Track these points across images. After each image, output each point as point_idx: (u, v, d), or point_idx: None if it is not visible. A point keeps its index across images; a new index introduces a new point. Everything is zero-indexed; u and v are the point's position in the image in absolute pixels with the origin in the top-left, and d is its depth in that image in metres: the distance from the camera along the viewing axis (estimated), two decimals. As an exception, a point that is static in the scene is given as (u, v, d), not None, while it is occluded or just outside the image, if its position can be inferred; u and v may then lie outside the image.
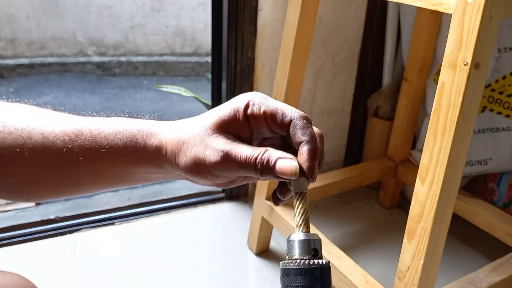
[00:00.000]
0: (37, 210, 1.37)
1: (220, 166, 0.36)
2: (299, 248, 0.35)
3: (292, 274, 0.34)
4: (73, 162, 0.40)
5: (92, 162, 0.40)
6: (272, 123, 0.37)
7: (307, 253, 0.35)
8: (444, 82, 0.69)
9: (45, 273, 1.16)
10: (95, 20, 3.44)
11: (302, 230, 0.36)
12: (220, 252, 1.29)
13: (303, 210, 0.37)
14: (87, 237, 1.30)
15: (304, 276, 0.34)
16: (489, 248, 1.30)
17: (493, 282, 0.95)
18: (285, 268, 0.35)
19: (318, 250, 0.35)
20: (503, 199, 1.36)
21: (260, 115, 0.37)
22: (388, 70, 1.48)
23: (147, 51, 3.60)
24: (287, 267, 0.34)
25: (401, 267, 0.81)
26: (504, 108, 1.23)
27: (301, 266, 0.34)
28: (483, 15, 0.63)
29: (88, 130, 0.40)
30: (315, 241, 0.35)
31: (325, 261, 0.35)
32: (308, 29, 1.03)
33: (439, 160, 0.71)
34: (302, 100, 1.45)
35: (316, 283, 0.34)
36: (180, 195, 1.48)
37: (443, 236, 0.77)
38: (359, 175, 1.37)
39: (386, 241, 1.37)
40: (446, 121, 0.69)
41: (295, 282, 0.34)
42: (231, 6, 1.25)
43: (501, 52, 1.19)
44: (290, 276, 0.34)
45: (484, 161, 1.28)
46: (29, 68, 3.34)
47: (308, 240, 0.35)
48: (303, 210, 0.37)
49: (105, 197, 1.45)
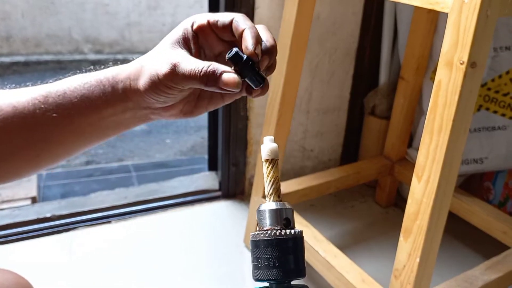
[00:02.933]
0: (33, 209, 1.36)
1: (170, 76, 0.39)
2: (270, 218, 0.33)
3: (262, 246, 0.32)
4: (47, 121, 0.41)
5: (65, 116, 0.42)
6: (216, 29, 0.41)
7: (278, 223, 0.33)
8: (440, 80, 0.69)
9: (40, 272, 1.16)
10: (91, 18, 3.43)
11: (273, 200, 0.34)
12: (217, 251, 1.29)
13: (274, 179, 0.35)
14: (83, 236, 1.30)
15: (275, 247, 0.32)
16: (484, 246, 1.31)
17: (488, 280, 0.96)
18: (255, 240, 0.33)
19: (290, 219, 0.33)
20: (499, 197, 1.37)
21: (204, 25, 0.41)
22: (385, 68, 1.48)
23: (143, 48, 3.59)
24: (257, 238, 0.33)
25: (397, 265, 0.81)
26: (500, 107, 1.23)
27: (272, 237, 0.32)
28: (479, 14, 0.63)
29: (55, 89, 0.42)
30: (286, 210, 0.34)
31: (298, 230, 0.33)
32: (305, 27, 1.03)
33: (435, 158, 0.71)
34: (299, 99, 1.45)
35: (288, 254, 0.32)
36: (177, 194, 1.48)
37: (439, 234, 0.78)
38: (355, 174, 1.38)
39: (383, 240, 1.37)
40: (442, 120, 0.69)
41: (265, 254, 0.32)
42: (227, 4, 1.25)
43: (497, 51, 1.20)
44: (261, 248, 0.32)
45: (480, 159, 1.29)
46: (24, 65, 3.33)
47: (279, 210, 0.33)
48: (273, 178, 0.35)
49: (101, 196, 1.45)
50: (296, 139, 1.54)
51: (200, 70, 0.39)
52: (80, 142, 0.44)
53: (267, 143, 0.35)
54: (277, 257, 0.32)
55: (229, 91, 0.39)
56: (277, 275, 0.32)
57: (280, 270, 0.32)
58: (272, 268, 0.32)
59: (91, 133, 0.44)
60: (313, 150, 1.60)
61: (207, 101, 0.45)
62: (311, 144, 1.58)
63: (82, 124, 0.43)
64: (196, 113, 0.45)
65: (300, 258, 0.33)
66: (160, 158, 2.11)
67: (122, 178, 1.88)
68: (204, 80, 0.39)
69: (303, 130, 1.54)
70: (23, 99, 0.41)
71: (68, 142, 0.43)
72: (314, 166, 1.62)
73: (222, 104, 0.45)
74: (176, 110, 0.44)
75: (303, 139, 1.56)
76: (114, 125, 0.44)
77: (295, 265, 0.32)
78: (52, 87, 0.43)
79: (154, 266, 1.21)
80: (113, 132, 0.45)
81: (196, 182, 1.54)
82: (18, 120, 0.41)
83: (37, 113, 0.41)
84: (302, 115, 1.50)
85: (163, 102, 0.42)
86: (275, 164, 0.35)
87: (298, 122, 1.51)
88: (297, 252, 0.33)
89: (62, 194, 1.69)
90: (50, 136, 0.42)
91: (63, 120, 0.41)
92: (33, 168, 0.44)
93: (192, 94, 0.45)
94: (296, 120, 1.49)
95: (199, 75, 0.39)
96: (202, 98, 0.45)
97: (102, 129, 0.44)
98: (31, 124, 0.41)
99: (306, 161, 1.60)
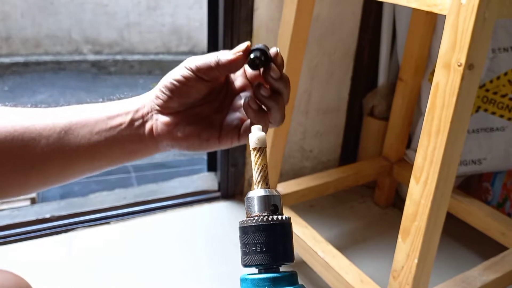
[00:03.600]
0: (33, 209, 1.36)
1: (183, 69, 0.43)
2: (258, 205, 0.34)
3: (250, 232, 0.33)
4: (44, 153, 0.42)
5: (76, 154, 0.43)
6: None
7: (266, 210, 0.33)
8: (438, 82, 0.69)
9: (40, 272, 1.16)
10: (91, 18, 3.43)
11: (261, 187, 0.35)
12: (216, 251, 1.29)
13: (262, 166, 0.35)
14: (82, 236, 1.30)
15: (263, 232, 0.32)
16: (483, 247, 1.31)
17: (486, 281, 0.96)
18: (243, 226, 0.33)
19: (278, 206, 0.34)
20: (497, 198, 1.37)
21: None
22: (384, 69, 1.49)
23: (142, 49, 3.59)
24: (245, 225, 0.33)
25: (396, 266, 0.81)
26: (498, 108, 1.24)
27: (259, 223, 0.32)
28: (477, 16, 0.63)
29: (79, 128, 0.43)
30: (274, 197, 0.34)
31: (286, 216, 0.33)
32: (304, 28, 1.04)
33: (433, 159, 0.71)
34: (298, 99, 1.46)
35: (276, 239, 0.32)
36: (176, 194, 1.48)
37: (437, 235, 0.78)
38: (354, 174, 1.38)
39: (381, 240, 1.37)
40: (440, 121, 0.70)
41: (253, 239, 0.32)
42: (227, 5, 1.25)
43: (496, 52, 1.20)
44: (249, 234, 0.33)
45: (479, 160, 1.29)
46: (24, 66, 3.33)
47: (267, 196, 0.34)
48: (261, 166, 0.35)
49: (100, 196, 1.45)
50: (295, 139, 1.54)
51: (214, 53, 0.43)
52: (81, 169, 0.45)
53: (255, 131, 0.36)
54: (265, 242, 0.32)
55: (237, 58, 0.41)
56: (265, 259, 0.32)
57: (268, 255, 0.32)
58: (259, 253, 0.32)
59: (95, 165, 0.45)
60: (312, 150, 1.60)
61: (203, 126, 0.45)
62: (310, 144, 1.58)
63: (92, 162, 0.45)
64: (189, 137, 0.45)
65: (288, 243, 0.33)
66: (159, 158, 2.11)
67: (121, 179, 1.88)
68: (217, 57, 0.42)
69: (302, 130, 1.54)
70: (42, 123, 0.42)
71: (68, 166, 0.44)
72: (313, 167, 1.63)
73: (217, 141, 0.46)
74: (172, 119, 0.45)
75: (302, 139, 1.56)
76: (120, 151, 0.45)
77: (283, 250, 0.33)
78: (74, 122, 0.43)
79: (153, 267, 1.21)
80: (120, 161, 0.46)
81: (195, 182, 1.54)
82: (15, 144, 0.41)
83: (46, 145, 0.42)
84: (301, 115, 1.50)
85: (178, 97, 0.44)
86: (263, 152, 0.35)
87: (297, 123, 1.51)
88: (285, 238, 0.33)
89: (61, 195, 1.69)
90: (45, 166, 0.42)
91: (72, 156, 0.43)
92: (20, 192, 0.44)
93: (194, 115, 0.45)
94: (295, 120, 1.50)
95: (213, 56, 0.42)
96: (201, 122, 0.46)
97: (109, 161, 0.45)
98: (30, 152, 0.41)
99: (305, 162, 1.61)
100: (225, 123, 0.46)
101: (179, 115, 0.45)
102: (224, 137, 0.45)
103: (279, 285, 0.32)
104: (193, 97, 0.44)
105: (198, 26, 3.60)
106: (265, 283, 0.32)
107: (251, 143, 0.36)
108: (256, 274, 0.33)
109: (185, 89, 0.43)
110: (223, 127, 0.46)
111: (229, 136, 0.45)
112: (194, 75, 0.42)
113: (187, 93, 0.43)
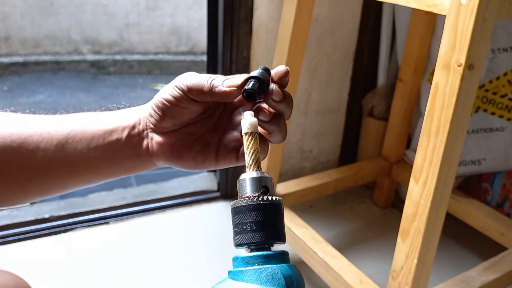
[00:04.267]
0: (32, 209, 1.36)
1: (177, 87, 0.40)
2: (250, 186, 0.34)
3: (241, 212, 0.33)
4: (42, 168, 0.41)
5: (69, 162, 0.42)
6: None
7: (257, 191, 0.34)
8: (438, 82, 0.69)
9: (39, 272, 1.16)
10: (90, 18, 3.42)
11: (253, 170, 0.35)
12: (215, 251, 1.29)
13: (254, 150, 0.36)
14: (81, 236, 1.30)
15: (254, 212, 0.33)
16: (482, 247, 1.31)
17: (486, 281, 0.96)
18: (235, 207, 0.34)
19: (269, 187, 0.34)
20: (497, 198, 1.37)
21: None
22: (383, 70, 1.49)
23: (142, 49, 3.59)
24: (237, 205, 0.34)
25: (395, 267, 0.81)
26: (497, 108, 1.24)
27: (250, 203, 0.33)
28: (476, 17, 0.63)
29: (77, 135, 0.42)
30: (266, 179, 0.35)
31: (277, 198, 0.34)
32: (304, 29, 1.04)
33: (433, 160, 0.71)
34: (298, 100, 1.46)
35: (267, 218, 0.33)
36: (175, 195, 1.48)
37: (436, 235, 0.78)
38: (354, 175, 1.38)
39: (381, 241, 1.37)
40: (440, 122, 0.70)
41: (245, 219, 0.33)
42: (226, 5, 1.25)
43: (495, 52, 1.20)
44: (240, 214, 0.33)
45: (478, 161, 1.29)
46: (23, 66, 3.32)
47: (259, 178, 0.34)
48: (253, 150, 0.36)
49: (99, 196, 1.45)
50: (294, 140, 1.54)
51: (209, 76, 0.40)
52: (78, 182, 0.44)
53: (247, 117, 0.37)
54: (256, 221, 0.33)
55: (229, 92, 0.39)
56: (256, 238, 0.32)
57: (259, 234, 0.32)
58: (250, 232, 0.33)
59: (89, 176, 0.44)
60: (311, 151, 1.60)
61: (199, 148, 0.44)
62: (309, 145, 1.58)
63: (86, 172, 0.43)
64: (183, 157, 0.44)
65: (279, 224, 0.33)
66: (158, 158, 2.10)
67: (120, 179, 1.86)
68: (210, 83, 0.39)
69: (302, 131, 1.54)
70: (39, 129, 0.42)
71: (65, 179, 0.43)
72: (312, 167, 1.63)
73: (213, 162, 0.44)
74: (168, 139, 0.43)
75: (301, 140, 1.56)
76: (117, 169, 0.45)
77: (274, 229, 0.33)
78: (74, 131, 0.42)
79: (152, 267, 1.21)
80: (118, 175, 0.46)
81: (194, 183, 1.54)
82: (17, 152, 0.40)
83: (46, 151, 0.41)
84: (301, 116, 1.50)
85: (171, 117, 0.42)
86: (254, 136, 0.36)
87: (296, 123, 1.51)
88: (276, 218, 0.33)
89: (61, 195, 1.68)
90: (45, 174, 0.42)
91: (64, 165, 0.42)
92: (18, 202, 0.43)
93: (190, 134, 0.44)
94: (295, 121, 1.50)
95: (207, 79, 0.40)
96: (197, 143, 0.44)
97: (106, 176, 0.45)
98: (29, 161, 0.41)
99: (305, 162, 1.61)
100: (222, 143, 0.44)
101: (174, 135, 0.43)
102: (221, 159, 0.44)
103: (270, 262, 0.32)
104: (187, 117, 0.42)
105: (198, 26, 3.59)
106: (255, 260, 0.32)
107: (243, 128, 0.36)
108: (247, 253, 0.33)
109: (176, 109, 0.41)
110: (220, 148, 0.44)
111: (227, 158, 0.44)
112: (185, 95, 0.40)
113: (180, 113, 0.41)
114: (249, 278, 0.31)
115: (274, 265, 0.32)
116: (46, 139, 0.41)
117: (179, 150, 0.43)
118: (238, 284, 0.31)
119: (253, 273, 0.31)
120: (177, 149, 0.43)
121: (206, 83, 0.39)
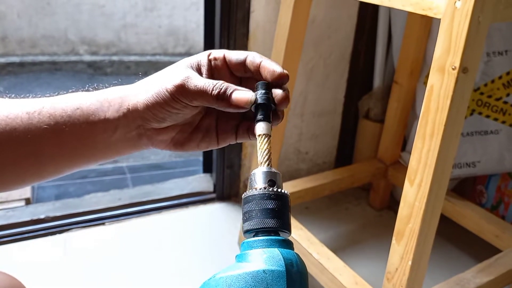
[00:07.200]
0: (27, 210, 1.36)
1: (180, 88, 0.40)
2: (259, 179, 0.37)
3: (250, 201, 0.36)
4: (38, 133, 0.41)
5: (55, 129, 0.41)
6: (231, 63, 0.43)
7: (266, 184, 0.37)
8: (432, 85, 0.70)
9: (34, 273, 1.15)
10: (87, 19, 3.42)
11: (263, 166, 0.38)
12: (212, 253, 1.29)
13: (266, 151, 0.39)
14: (77, 237, 1.30)
15: (261, 201, 0.35)
16: (476, 249, 1.32)
17: (480, 283, 0.96)
18: (245, 197, 0.36)
19: (275, 181, 0.37)
20: (491, 201, 1.38)
21: (220, 57, 0.43)
22: (379, 72, 1.49)
23: (139, 50, 3.58)
24: (247, 195, 0.36)
25: (390, 268, 0.82)
26: (492, 111, 1.25)
27: (260, 193, 0.36)
28: (471, 20, 0.64)
29: (51, 102, 0.43)
30: (274, 174, 0.37)
31: (284, 191, 0.37)
32: (300, 31, 1.04)
33: (427, 162, 0.72)
34: (294, 102, 1.46)
35: (274, 208, 0.35)
36: (171, 196, 1.48)
37: (431, 237, 0.78)
38: (349, 177, 1.38)
39: (376, 242, 1.38)
40: (435, 124, 0.70)
41: (253, 207, 0.35)
42: (223, 7, 1.25)
43: (490, 56, 1.21)
44: (249, 203, 0.36)
45: (473, 163, 1.30)
46: (19, 66, 3.31)
47: (268, 172, 0.37)
48: (266, 150, 0.39)
49: (95, 197, 1.45)
50: (291, 141, 1.54)
51: (214, 85, 0.40)
52: (69, 160, 0.44)
53: (261, 122, 0.40)
54: (263, 209, 0.35)
55: (241, 107, 0.40)
56: (263, 223, 0.35)
57: (266, 220, 0.35)
58: (257, 218, 0.35)
59: (80, 150, 0.44)
60: (308, 152, 1.60)
61: (201, 136, 0.45)
62: (306, 146, 1.59)
63: (72, 139, 0.42)
64: (186, 147, 0.45)
65: (285, 215, 0.36)
66: (155, 160, 2.11)
67: (116, 180, 1.87)
68: (216, 95, 0.40)
69: (298, 133, 1.54)
70: (16, 110, 0.41)
71: (57, 157, 0.43)
72: (308, 169, 1.63)
73: (215, 146, 0.46)
74: (168, 135, 0.44)
75: (298, 141, 1.56)
76: (103, 146, 0.44)
77: (281, 218, 0.35)
78: (48, 100, 0.43)
79: (148, 268, 1.21)
80: (101, 154, 0.45)
81: (190, 184, 1.54)
82: (9, 132, 0.40)
83: (29, 125, 0.41)
84: (297, 118, 1.51)
85: (161, 120, 0.42)
86: (268, 138, 0.39)
87: (293, 125, 1.51)
88: (283, 209, 0.36)
89: (57, 195, 1.68)
90: (40, 150, 0.41)
91: (53, 133, 0.41)
92: (20, 183, 0.43)
93: (188, 124, 0.45)
94: (291, 123, 1.50)
95: (212, 88, 0.40)
96: (197, 132, 0.45)
97: (90, 149, 0.44)
98: (21, 137, 0.40)
99: (301, 164, 1.61)
100: (220, 126, 0.46)
101: (173, 129, 0.44)
102: (222, 141, 0.46)
103: (273, 246, 0.34)
104: (187, 116, 0.43)
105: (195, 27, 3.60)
106: (259, 243, 0.34)
107: (257, 130, 0.40)
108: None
109: (177, 116, 0.42)
110: (219, 131, 0.46)
111: (227, 139, 0.46)
112: (187, 105, 0.41)
113: (180, 117, 0.42)
114: (252, 259, 0.33)
115: (276, 248, 0.34)
116: (43, 127, 0.41)
117: (181, 142, 0.45)
118: (242, 264, 0.34)
119: (256, 255, 0.34)
120: (179, 141, 0.45)
121: (210, 92, 0.40)
